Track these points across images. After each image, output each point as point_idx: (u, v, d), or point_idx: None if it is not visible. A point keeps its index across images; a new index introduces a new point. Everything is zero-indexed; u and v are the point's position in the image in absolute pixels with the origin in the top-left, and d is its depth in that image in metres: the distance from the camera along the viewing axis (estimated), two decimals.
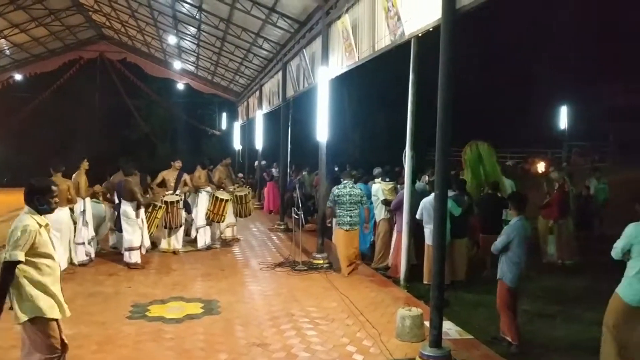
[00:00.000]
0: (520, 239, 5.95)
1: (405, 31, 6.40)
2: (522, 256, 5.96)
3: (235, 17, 14.19)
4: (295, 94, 13.82)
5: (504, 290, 6.02)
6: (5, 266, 3.89)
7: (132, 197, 9.22)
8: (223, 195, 10.78)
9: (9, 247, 3.88)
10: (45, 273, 4.04)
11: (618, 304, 4.78)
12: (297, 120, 16.72)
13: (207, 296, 7.40)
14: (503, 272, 6.02)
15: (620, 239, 4.85)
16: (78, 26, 22.36)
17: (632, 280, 4.72)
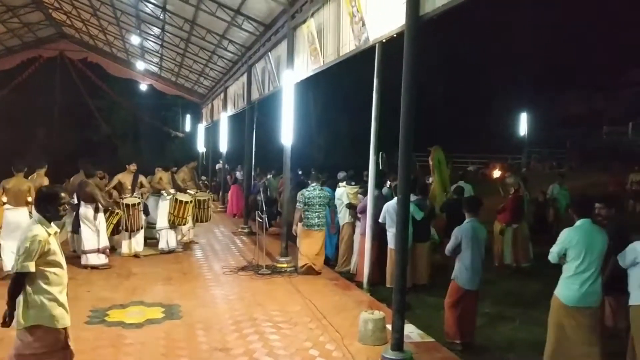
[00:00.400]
0: (469, 241, 6.02)
1: (370, 37, 6.45)
2: (474, 258, 6.01)
3: (200, 19, 14.06)
4: (260, 97, 13.78)
5: (454, 289, 6.13)
6: (16, 277, 3.93)
7: (92, 199, 9.09)
8: (184, 198, 10.74)
9: (19, 258, 3.88)
10: (54, 282, 4.03)
11: (556, 304, 5.07)
12: (262, 123, 16.64)
13: (168, 300, 7.28)
14: (456, 274, 6.14)
15: (556, 243, 5.11)
16: (37, 24, 21.74)
17: (567, 282, 5.00)
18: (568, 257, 4.99)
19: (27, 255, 3.86)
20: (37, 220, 4.04)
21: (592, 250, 4.91)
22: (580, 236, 4.97)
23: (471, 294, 6.12)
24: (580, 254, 4.92)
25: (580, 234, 4.98)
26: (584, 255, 4.90)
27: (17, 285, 3.92)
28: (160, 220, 10.76)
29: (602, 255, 4.98)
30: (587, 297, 4.89)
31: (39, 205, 4.10)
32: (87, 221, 9.16)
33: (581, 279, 4.91)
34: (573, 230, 5.07)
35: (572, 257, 4.96)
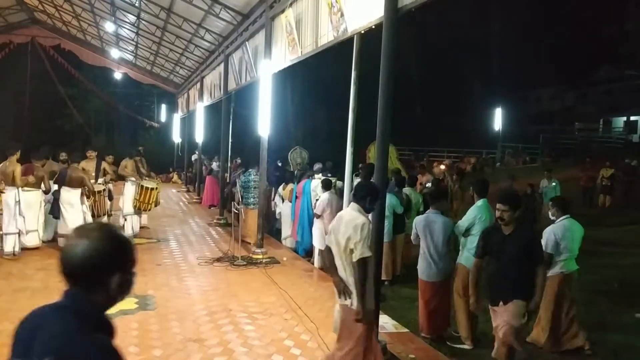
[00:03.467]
0: (422, 232, 6.09)
1: (348, 28, 6.44)
2: (427, 249, 6.05)
3: (176, 7, 13.86)
4: (237, 87, 13.67)
5: (419, 283, 6.19)
6: (361, 263, 4.17)
7: (79, 184, 9.35)
8: (149, 185, 11.10)
9: (360, 244, 4.14)
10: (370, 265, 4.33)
11: (463, 271, 5.90)
12: (239, 114, 16.55)
13: (141, 291, 7.20)
14: (419, 265, 6.20)
15: (464, 219, 5.96)
16: (8, 8, 21.17)
17: (472, 251, 5.62)
18: (472, 231, 5.81)
19: (365, 241, 4.16)
20: (357, 209, 4.34)
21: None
22: (483, 212, 5.81)
23: (434, 285, 6.06)
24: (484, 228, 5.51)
25: (483, 211, 5.83)
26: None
27: (364, 271, 4.19)
28: (126, 206, 11.14)
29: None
30: None
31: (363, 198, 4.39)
32: (68, 205, 9.33)
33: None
34: (477, 209, 5.90)
35: (477, 230, 5.69)
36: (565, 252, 5.75)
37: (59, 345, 1.61)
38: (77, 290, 1.73)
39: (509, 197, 4.78)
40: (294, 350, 5.36)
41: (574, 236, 5.84)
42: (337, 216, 4.56)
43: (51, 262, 8.64)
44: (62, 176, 9.49)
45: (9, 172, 8.71)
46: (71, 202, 9.40)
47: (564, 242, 5.72)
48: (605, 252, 11.35)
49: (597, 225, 14.24)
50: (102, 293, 1.73)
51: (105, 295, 1.73)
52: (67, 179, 9.41)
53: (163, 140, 30.09)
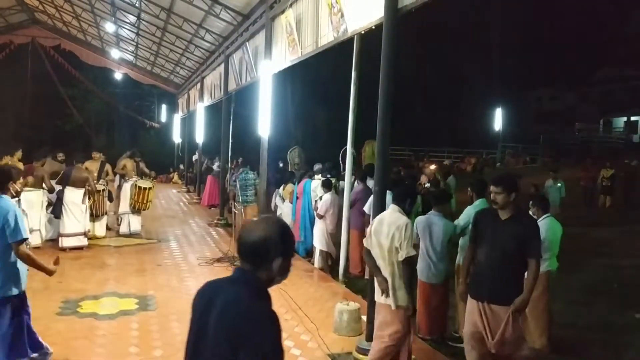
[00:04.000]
0: (421, 232, 6.02)
1: (348, 28, 6.45)
2: (426, 250, 6.01)
3: (176, 7, 13.88)
4: (237, 87, 13.69)
5: (419, 284, 6.14)
6: (407, 261, 4.44)
7: (83, 184, 9.49)
8: (144, 184, 11.23)
9: (405, 244, 4.38)
10: None
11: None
12: (239, 114, 16.53)
13: (142, 292, 7.21)
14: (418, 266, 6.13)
15: (461, 218, 5.98)
16: (9, 9, 21.19)
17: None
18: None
19: (410, 240, 4.38)
20: (398, 210, 4.55)
21: None
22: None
23: (433, 287, 6.02)
24: None
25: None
26: None
27: (411, 269, 4.48)
28: (122, 205, 11.36)
29: None
30: None
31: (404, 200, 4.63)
32: (72, 205, 9.44)
33: None
34: (474, 208, 5.81)
35: None
36: (547, 251, 5.71)
37: (233, 308, 2.06)
38: (247, 267, 2.16)
39: (502, 178, 4.41)
40: (294, 351, 5.36)
41: (556, 235, 5.87)
42: (378, 219, 4.69)
43: (49, 260, 8.64)
44: (67, 176, 9.57)
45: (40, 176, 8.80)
46: (75, 201, 9.51)
47: (546, 242, 5.68)
48: (605, 252, 11.35)
49: (598, 226, 14.25)
50: (266, 272, 2.14)
51: (268, 274, 2.15)
52: (72, 179, 9.50)
53: (163, 141, 30.10)
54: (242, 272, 2.17)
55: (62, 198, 9.54)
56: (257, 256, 2.14)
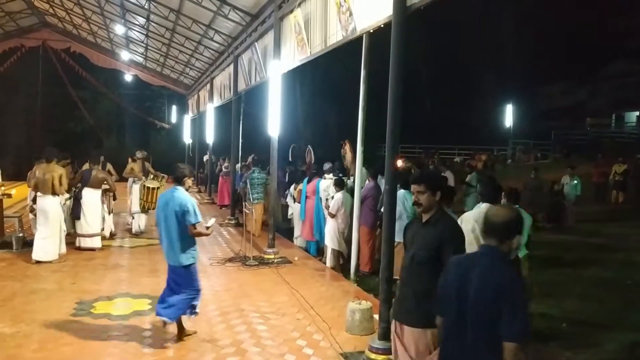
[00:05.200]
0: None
1: (357, 27, 6.44)
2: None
3: (185, 8, 13.93)
4: (246, 87, 13.71)
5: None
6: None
7: (100, 185, 9.82)
8: (152, 184, 11.44)
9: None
10: None
11: None
12: (249, 114, 16.57)
13: (155, 292, 7.21)
14: None
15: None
16: (19, 13, 21.39)
17: None
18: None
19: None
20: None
21: None
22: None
23: None
24: None
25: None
26: None
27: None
28: (133, 205, 11.69)
29: None
30: None
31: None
32: (90, 206, 9.67)
33: None
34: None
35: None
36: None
37: (493, 275, 2.67)
38: (493, 242, 2.76)
39: (425, 176, 3.86)
40: (306, 350, 5.37)
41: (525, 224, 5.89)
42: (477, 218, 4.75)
43: (66, 263, 8.75)
44: (86, 177, 9.79)
45: (47, 178, 8.74)
46: (93, 202, 9.76)
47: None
48: (618, 248, 11.26)
49: (610, 222, 14.15)
50: (506, 246, 2.76)
51: (507, 249, 2.77)
52: (91, 180, 9.72)
53: (174, 141, 30.19)
54: (489, 248, 2.79)
55: (80, 198, 9.69)
56: (503, 234, 2.75)
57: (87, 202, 9.68)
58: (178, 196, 5.45)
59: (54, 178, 8.76)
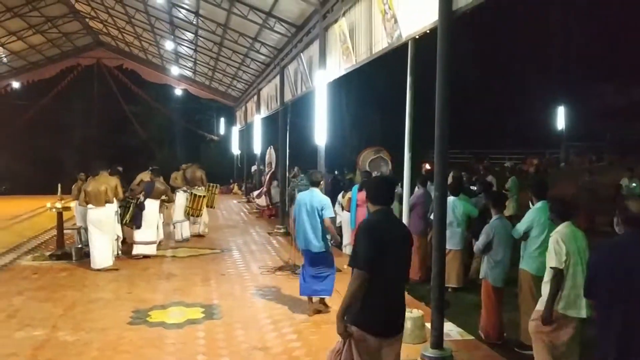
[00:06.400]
0: (501, 238, 6.02)
1: (402, 33, 6.42)
2: (505, 255, 6.04)
3: (232, 22, 14.22)
4: (293, 97, 13.85)
5: (488, 289, 6.11)
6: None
7: (159, 196, 10.29)
8: (199, 193, 12.02)
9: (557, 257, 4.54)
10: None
11: (526, 277, 5.72)
12: (296, 124, 16.70)
13: (207, 301, 7.39)
14: (486, 272, 6.12)
15: (522, 222, 5.84)
16: (75, 33, 22.40)
17: (532, 255, 5.64)
18: (532, 234, 5.67)
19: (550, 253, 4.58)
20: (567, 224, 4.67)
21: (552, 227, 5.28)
22: (542, 215, 5.59)
23: (500, 291, 6.11)
24: (543, 230, 5.51)
25: (542, 213, 5.60)
26: (546, 231, 5.38)
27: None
28: (176, 214, 12.15)
29: None
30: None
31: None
32: (151, 216, 10.18)
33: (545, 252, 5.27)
34: (536, 211, 5.73)
35: (537, 233, 5.63)
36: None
37: None
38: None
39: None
40: None
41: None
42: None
43: (122, 273, 9.02)
44: (149, 188, 10.29)
45: (101, 190, 9.16)
46: (153, 212, 10.26)
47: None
48: None
49: None
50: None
51: None
52: (154, 191, 10.24)
53: (223, 153, 30.76)
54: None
55: (143, 209, 10.17)
56: None
57: (147, 211, 10.19)
58: (318, 195, 6.73)
59: (107, 190, 9.16)
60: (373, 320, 3.40)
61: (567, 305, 4.44)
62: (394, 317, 3.53)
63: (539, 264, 5.51)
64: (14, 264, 9.73)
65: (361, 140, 30.95)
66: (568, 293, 4.45)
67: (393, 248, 3.42)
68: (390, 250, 3.40)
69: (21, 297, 7.55)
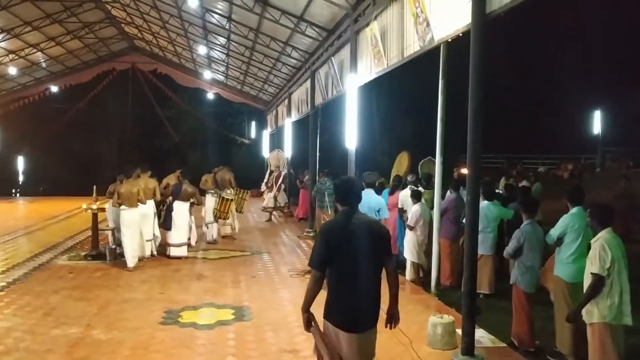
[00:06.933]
0: (532, 243, 5.94)
1: (435, 37, 6.38)
2: (535, 260, 5.96)
3: (264, 27, 14.33)
4: (323, 101, 13.88)
5: (519, 294, 6.03)
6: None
7: (189, 198, 10.44)
8: (228, 196, 12.45)
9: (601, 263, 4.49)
10: None
11: (560, 283, 5.62)
12: (326, 127, 16.76)
13: (238, 302, 7.45)
14: (517, 277, 6.04)
15: (556, 227, 5.71)
16: (111, 38, 22.92)
17: (567, 262, 5.55)
18: (566, 239, 5.58)
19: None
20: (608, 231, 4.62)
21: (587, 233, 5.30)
22: (577, 221, 5.54)
23: (531, 297, 6.03)
24: (578, 236, 5.47)
25: (576, 219, 5.55)
26: (581, 237, 5.43)
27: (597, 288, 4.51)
28: (207, 216, 12.42)
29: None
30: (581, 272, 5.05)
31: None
32: (181, 218, 10.38)
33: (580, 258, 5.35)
34: (570, 217, 5.64)
35: (571, 239, 5.53)
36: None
37: None
38: None
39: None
40: None
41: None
42: None
43: (154, 274, 9.17)
44: (177, 190, 10.47)
45: (134, 192, 9.44)
46: (182, 214, 10.45)
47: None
48: None
49: None
50: None
51: None
52: (182, 194, 10.41)
53: (254, 156, 30.99)
54: None
55: (172, 211, 10.36)
56: None
57: (177, 214, 10.37)
58: (375, 196, 7.38)
59: (139, 191, 9.45)
60: (341, 315, 3.64)
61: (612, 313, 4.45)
62: (358, 310, 3.64)
63: (573, 271, 5.45)
64: (50, 263, 9.98)
65: (392, 144, 30.82)
66: (614, 301, 4.39)
67: (350, 246, 3.52)
68: (346, 248, 3.51)
69: (57, 295, 7.74)
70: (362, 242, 3.55)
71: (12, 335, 5.99)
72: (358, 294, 3.62)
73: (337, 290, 3.64)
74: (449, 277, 8.61)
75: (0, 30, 17.42)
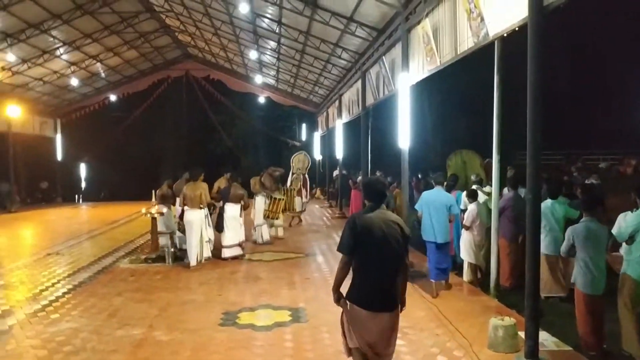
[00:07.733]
0: (582, 242, 5.71)
1: (489, 32, 6.23)
2: (590, 260, 5.70)
3: (314, 29, 14.40)
4: (375, 102, 13.80)
5: (577, 295, 5.84)
6: None
7: (239, 200, 10.69)
8: (278, 196, 12.92)
9: None
10: None
11: (629, 282, 5.50)
12: (377, 128, 16.65)
13: (294, 304, 7.49)
14: (575, 277, 5.86)
15: (628, 225, 5.60)
16: (165, 47, 23.59)
17: (639, 260, 5.44)
18: (637, 238, 5.43)
19: None
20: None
21: None
22: None
23: (594, 298, 5.73)
24: None
25: None
26: None
27: None
28: (257, 218, 12.68)
29: None
30: None
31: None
32: (233, 219, 10.61)
33: None
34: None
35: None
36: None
37: None
38: None
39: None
40: None
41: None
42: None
43: (212, 276, 9.33)
44: (225, 193, 10.71)
45: (197, 194, 9.91)
46: (234, 216, 10.64)
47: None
48: None
49: None
50: None
51: None
52: (230, 196, 10.62)
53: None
54: None
55: (223, 213, 10.60)
56: None
57: (228, 215, 10.60)
58: (445, 194, 7.80)
59: (202, 194, 9.92)
60: (359, 295, 4.10)
61: None
62: (378, 292, 4.07)
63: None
64: (113, 266, 10.32)
65: (445, 142, 30.34)
66: None
67: (374, 235, 3.96)
68: (370, 236, 3.96)
69: (120, 297, 7.99)
70: (381, 232, 3.97)
71: (80, 336, 6.22)
72: (374, 277, 4.05)
73: (357, 272, 4.10)
74: (508, 278, 8.39)
75: (63, 43, 18.22)
